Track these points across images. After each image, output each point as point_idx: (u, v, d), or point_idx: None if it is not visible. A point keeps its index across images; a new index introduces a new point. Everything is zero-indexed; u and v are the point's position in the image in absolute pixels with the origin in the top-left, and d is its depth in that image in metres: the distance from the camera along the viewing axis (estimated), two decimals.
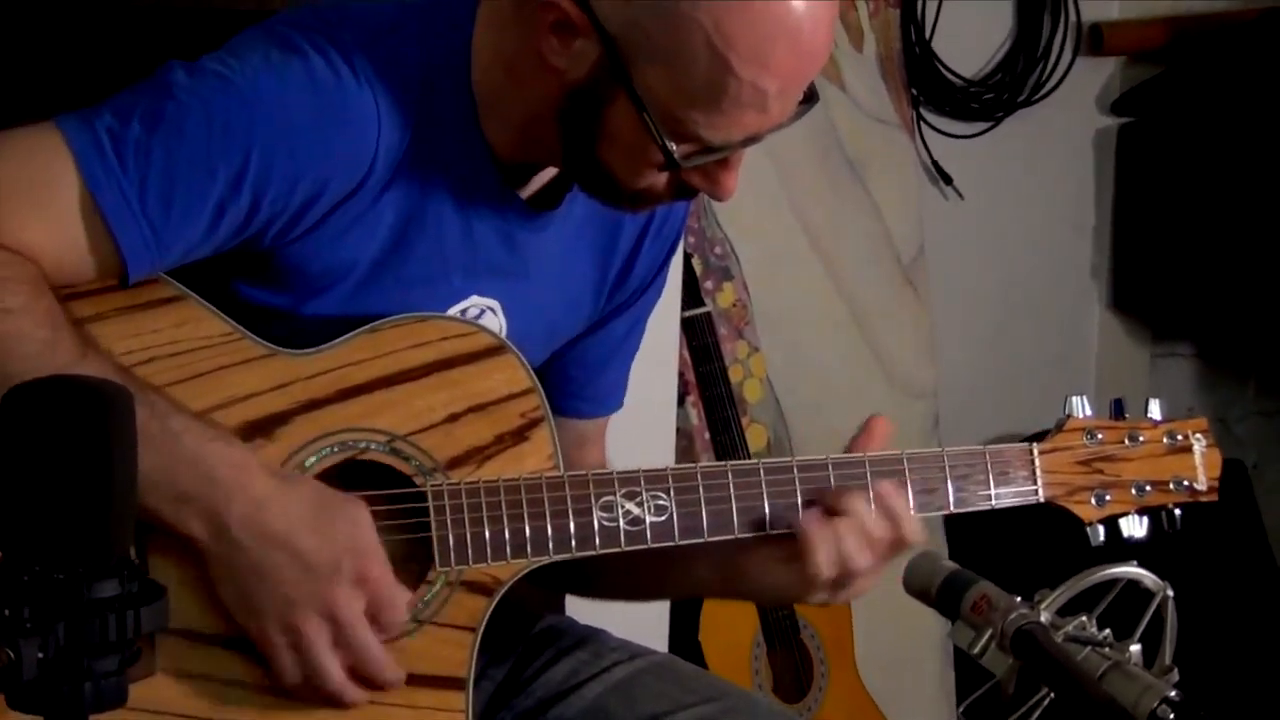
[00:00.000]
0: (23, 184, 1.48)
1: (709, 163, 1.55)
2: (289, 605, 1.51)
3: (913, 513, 1.68)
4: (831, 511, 1.64)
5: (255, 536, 1.49)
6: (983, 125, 3.91)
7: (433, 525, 1.59)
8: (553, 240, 1.70)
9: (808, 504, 1.66)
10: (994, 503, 1.74)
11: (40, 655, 1.06)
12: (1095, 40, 4.02)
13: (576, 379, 1.82)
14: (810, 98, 1.55)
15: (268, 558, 1.50)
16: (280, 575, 1.50)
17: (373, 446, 1.59)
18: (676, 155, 1.52)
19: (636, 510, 1.63)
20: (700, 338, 3.06)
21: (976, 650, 1.36)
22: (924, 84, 3.81)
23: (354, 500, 1.55)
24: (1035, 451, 1.76)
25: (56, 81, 1.73)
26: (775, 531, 1.65)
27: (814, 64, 1.53)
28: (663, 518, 1.63)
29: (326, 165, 1.52)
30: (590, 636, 1.88)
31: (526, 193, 1.66)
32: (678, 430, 3.05)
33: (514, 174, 1.64)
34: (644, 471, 1.65)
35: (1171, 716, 1.25)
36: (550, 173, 1.67)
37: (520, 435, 1.63)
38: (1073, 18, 3.95)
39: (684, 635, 2.96)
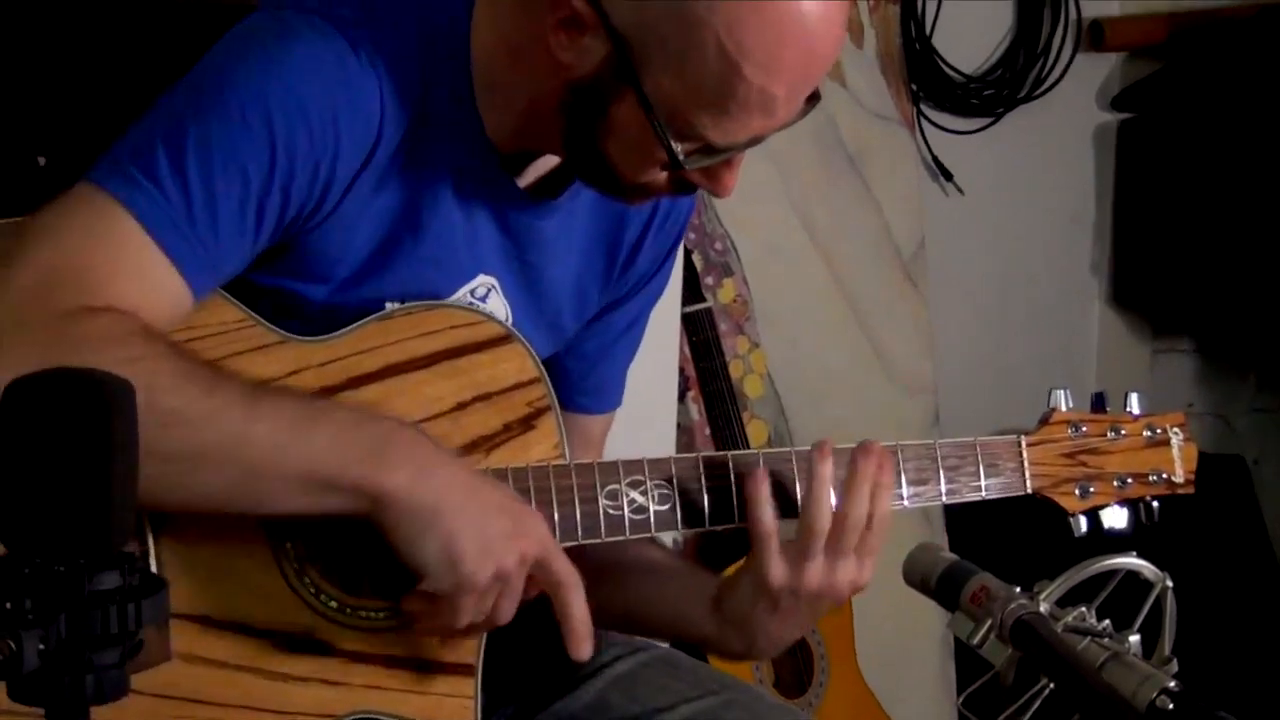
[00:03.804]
0: (94, 249, 1.46)
1: (712, 163, 1.55)
2: (505, 539, 1.49)
3: (906, 503, 1.70)
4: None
5: (463, 483, 1.49)
6: (983, 121, 3.92)
7: None
8: (555, 230, 1.69)
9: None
10: (983, 494, 1.75)
11: (41, 647, 1.06)
12: (1095, 36, 4.02)
13: (573, 371, 1.82)
14: (814, 98, 1.54)
15: (473, 499, 1.49)
16: (489, 517, 1.49)
17: None
18: (681, 155, 1.52)
19: (641, 499, 1.63)
20: (701, 333, 3.06)
21: (976, 641, 1.36)
22: (924, 80, 3.81)
23: None
24: (1023, 444, 1.77)
25: (51, 73, 1.72)
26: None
27: (824, 67, 1.51)
28: (666, 506, 1.64)
29: (337, 145, 1.52)
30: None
31: (525, 180, 1.66)
32: (678, 426, 3.06)
33: (510, 160, 1.64)
34: (648, 460, 1.65)
35: (1170, 707, 1.25)
36: (550, 162, 1.67)
37: (527, 424, 1.63)
38: (1073, 14, 3.95)
39: None
